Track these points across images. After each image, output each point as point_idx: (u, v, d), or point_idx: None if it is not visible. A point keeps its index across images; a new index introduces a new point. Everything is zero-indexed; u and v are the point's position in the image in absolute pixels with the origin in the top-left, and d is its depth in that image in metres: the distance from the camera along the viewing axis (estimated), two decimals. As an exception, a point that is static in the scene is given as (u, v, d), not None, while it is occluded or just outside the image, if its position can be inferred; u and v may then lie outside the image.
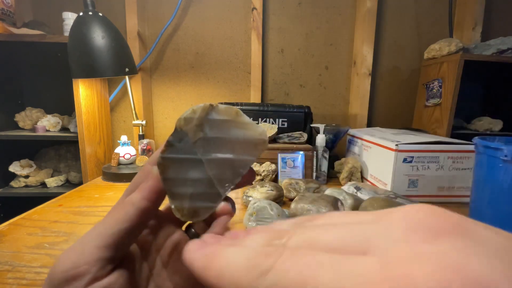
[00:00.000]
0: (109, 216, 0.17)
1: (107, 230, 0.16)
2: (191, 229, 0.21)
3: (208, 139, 0.18)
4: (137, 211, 0.17)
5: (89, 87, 0.92)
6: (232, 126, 0.19)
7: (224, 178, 0.19)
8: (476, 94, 1.14)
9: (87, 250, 0.15)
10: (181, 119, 0.18)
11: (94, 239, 0.16)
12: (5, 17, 0.90)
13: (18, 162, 0.99)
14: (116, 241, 0.16)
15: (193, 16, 1.07)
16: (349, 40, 1.12)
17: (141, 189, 0.18)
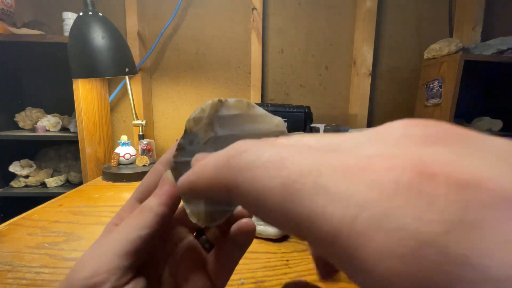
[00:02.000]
0: (126, 222, 0.17)
1: (127, 236, 0.16)
2: (202, 236, 0.21)
3: (219, 137, 0.17)
4: (156, 217, 0.16)
5: (89, 87, 0.92)
6: (244, 120, 0.17)
7: None
8: (476, 94, 1.14)
9: (107, 257, 0.15)
10: (190, 120, 0.17)
11: (114, 246, 0.15)
12: (5, 17, 0.90)
13: (18, 162, 0.99)
14: (136, 249, 0.16)
15: (193, 16, 1.07)
16: (349, 40, 1.12)
17: (158, 195, 0.17)
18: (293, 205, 0.08)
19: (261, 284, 0.38)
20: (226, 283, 0.20)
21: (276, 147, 0.10)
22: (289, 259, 0.44)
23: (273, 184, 0.09)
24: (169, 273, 0.19)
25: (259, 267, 0.42)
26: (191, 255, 0.20)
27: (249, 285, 0.37)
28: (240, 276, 0.39)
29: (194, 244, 0.20)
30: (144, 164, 0.88)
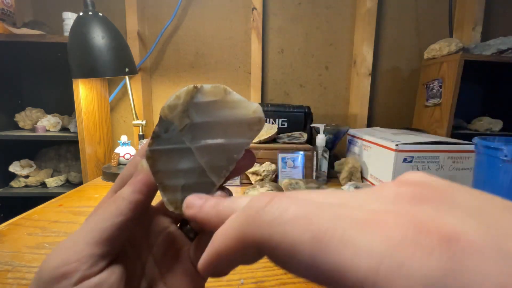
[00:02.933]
0: (99, 211, 0.16)
1: (98, 225, 0.15)
2: (186, 225, 0.20)
3: (196, 124, 0.17)
4: (129, 204, 0.16)
5: (89, 87, 0.92)
6: (221, 106, 0.17)
7: (217, 165, 0.17)
8: (476, 94, 1.14)
9: (77, 246, 0.15)
10: (164, 108, 0.16)
11: (84, 235, 0.15)
12: (5, 17, 0.90)
13: (18, 162, 0.99)
14: (108, 237, 0.15)
15: (193, 16, 1.07)
16: (349, 40, 1.12)
17: (131, 183, 0.17)
18: (323, 256, 0.09)
19: (261, 284, 0.38)
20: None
21: (296, 202, 0.11)
22: (289, 259, 0.44)
23: (303, 238, 0.10)
24: (153, 263, 0.19)
25: (259, 267, 0.42)
26: (174, 245, 0.20)
27: (249, 285, 0.37)
28: (240, 276, 0.39)
29: (178, 234, 0.20)
30: (144, 164, 0.88)
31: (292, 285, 0.38)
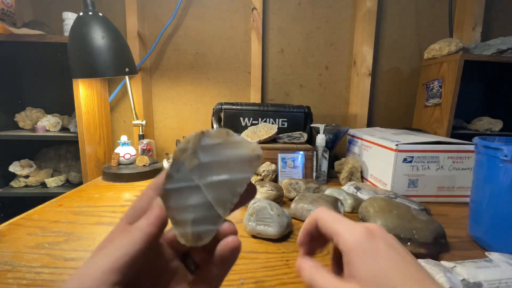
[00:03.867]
0: (115, 241, 0.18)
1: (115, 254, 0.17)
2: (189, 259, 0.22)
3: (203, 164, 0.19)
4: (144, 236, 0.18)
5: (89, 87, 0.92)
6: (225, 147, 0.20)
7: (223, 199, 0.19)
8: (476, 94, 1.14)
9: (94, 274, 0.16)
10: (176, 151, 0.19)
11: (101, 263, 0.16)
12: (5, 17, 0.90)
13: (18, 162, 0.99)
14: (123, 265, 0.16)
15: (193, 16, 1.07)
16: (349, 40, 1.12)
17: (148, 217, 0.19)
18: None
19: (261, 284, 0.38)
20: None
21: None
22: (289, 259, 0.44)
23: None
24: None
25: (259, 267, 0.42)
26: (178, 277, 0.22)
27: (249, 285, 0.37)
28: (240, 276, 0.39)
29: (180, 266, 0.22)
30: (144, 164, 0.88)
31: (292, 285, 0.38)
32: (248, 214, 0.52)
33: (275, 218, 0.50)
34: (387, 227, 0.45)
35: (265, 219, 0.50)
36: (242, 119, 0.94)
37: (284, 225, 0.50)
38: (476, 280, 0.34)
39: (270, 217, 0.50)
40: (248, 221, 0.51)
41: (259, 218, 0.50)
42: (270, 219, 0.50)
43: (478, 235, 0.50)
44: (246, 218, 0.52)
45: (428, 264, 0.38)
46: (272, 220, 0.49)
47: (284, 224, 0.50)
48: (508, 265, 0.37)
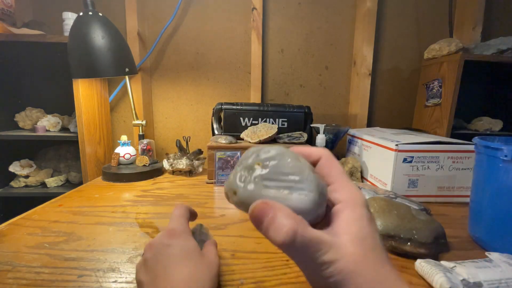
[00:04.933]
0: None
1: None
2: None
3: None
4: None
5: (89, 87, 0.92)
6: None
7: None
8: (476, 94, 1.14)
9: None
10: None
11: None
12: (5, 17, 0.90)
13: (18, 162, 0.99)
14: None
15: (193, 16, 1.07)
16: (349, 40, 1.12)
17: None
18: None
19: (261, 284, 0.38)
20: None
21: None
22: (289, 259, 0.44)
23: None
24: None
25: (259, 267, 0.42)
26: None
27: (249, 285, 0.37)
28: (240, 276, 0.39)
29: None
30: (144, 164, 0.88)
31: (292, 285, 0.38)
32: (244, 167, 0.22)
33: (307, 175, 0.21)
34: (387, 227, 0.45)
35: (286, 175, 0.21)
36: (242, 119, 0.94)
37: (324, 192, 0.22)
38: (476, 280, 0.34)
39: (297, 171, 0.21)
40: (241, 181, 0.22)
41: (272, 174, 0.21)
42: (298, 175, 0.21)
43: (478, 235, 0.50)
44: (237, 175, 0.23)
45: (428, 264, 0.38)
46: (303, 178, 0.21)
47: (323, 189, 0.22)
48: (508, 265, 0.37)
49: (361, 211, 0.21)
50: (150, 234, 0.51)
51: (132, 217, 0.58)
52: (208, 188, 0.79)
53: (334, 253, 0.18)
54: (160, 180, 0.85)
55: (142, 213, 0.60)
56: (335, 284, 0.18)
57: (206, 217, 0.59)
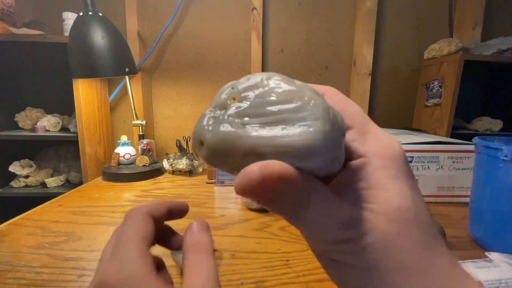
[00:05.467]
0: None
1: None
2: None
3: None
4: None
5: (89, 87, 0.92)
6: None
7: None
8: (476, 94, 1.14)
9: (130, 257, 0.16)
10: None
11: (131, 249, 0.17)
12: (5, 17, 0.90)
13: (18, 162, 0.99)
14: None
15: (193, 16, 1.07)
16: (349, 40, 1.12)
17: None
18: None
19: (261, 284, 0.38)
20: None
21: None
22: (289, 259, 0.44)
23: None
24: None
25: (259, 267, 0.42)
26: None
27: (249, 285, 0.37)
28: (240, 276, 0.39)
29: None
30: (144, 164, 0.88)
31: (292, 285, 0.38)
32: (214, 106, 0.15)
33: (309, 98, 0.13)
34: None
35: (277, 105, 0.13)
36: (242, 119, 0.94)
37: (339, 122, 0.13)
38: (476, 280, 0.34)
39: (293, 96, 0.13)
40: (209, 124, 0.14)
41: (254, 107, 0.13)
42: (295, 102, 0.12)
43: (478, 235, 0.50)
44: (204, 118, 0.15)
45: (428, 264, 0.38)
46: (304, 104, 0.12)
47: (338, 118, 0.13)
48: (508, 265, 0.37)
49: (398, 167, 0.14)
50: (150, 234, 0.51)
51: (132, 217, 0.58)
52: (208, 188, 0.79)
53: (360, 228, 0.13)
54: (160, 180, 0.85)
55: (142, 213, 0.60)
56: (357, 265, 0.14)
57: (206, 217, 0.59)
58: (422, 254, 0.13)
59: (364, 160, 0.14)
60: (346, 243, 0.13)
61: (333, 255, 0.15)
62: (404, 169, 0.14)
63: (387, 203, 0.13)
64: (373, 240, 0.13)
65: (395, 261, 0.13)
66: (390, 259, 0.13)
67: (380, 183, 0.14)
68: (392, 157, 0.14)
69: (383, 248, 0.13)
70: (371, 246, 0.13)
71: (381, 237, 0.13)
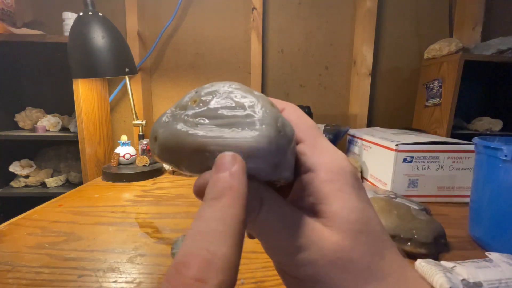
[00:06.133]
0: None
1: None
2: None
3: None
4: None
5: (89, 87, 0.92)
6: None
7: None
8: (476, 94, 1.14)
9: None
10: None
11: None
12: (5, 17, 0.90)
13: (18, 162, 0.99)
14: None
15: (193, 16, 1.07)
16: (349, 40, 1.12)
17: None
18: None
19: (261, 284, 0.38)
20: None
21: None
22: (289, 259, 0.44)
23: None
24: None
25: (259, 267, 0.42)
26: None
27: (249, 285, 0.37)
28: (240, 276, 0.39)
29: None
30: (144, 164, 0.88)
31: (292, 285, 0.38)
32: (175, 106, 0.15)
33: (261, 106, 0.14)
34: (387, 227, 0.45)
35: (231, 110, 0.14)
36: (242, 119, 0.94)
37: (287, 131, 0.14)
38: (476, 280, 0.34)
39: (247, 104, 0.14)
40: (165, 121, 0.15)
41: (211, 110, 0.14)
42: (247, 109, 0.14)
43: (478, 235, 0.50)
44: (163, 116, 0.15)
45: (428, 264, 0.38)
46: (254, 110, 0.14)
47: (287, 128, 0.14)
48: (508, 265, 0.37)
49: (344, 179, 0.14)
50: (150, 234, 0.51)
51: (132, 217, 0.58)
52: (208, 188, 0.78)
53: (310, 239, 0.13)
54: (160, 180, 0.85)
55: (142, 213, 0.60)
56: (308, 278, 0.13)
57: (206, 217, 0.59)
58: (371, 263, 0.13)
59: (312, 174, 0.15)
60: (297, 253, 0.13)
61: (285, 267, 0.15)
62: (351, 181, 0.15)
63: (336, 216, 0.14)
64: (323, 252, 0.13)
65: (345, 273, 0.13)
66: (341, 271, 0.13)
67: (327, 196, 0.14)
68: (337, 170, 0.15)
69: (333, 260, 0.13)
70: (322, 259, 0.13)
71: (331, 248, 0.13)
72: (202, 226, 0.10)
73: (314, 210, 0.14)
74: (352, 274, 0.13)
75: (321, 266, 0.13)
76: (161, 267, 0.41)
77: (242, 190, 0.11)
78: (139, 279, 0.38)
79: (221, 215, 0.10)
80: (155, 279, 0.38)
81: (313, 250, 0.13)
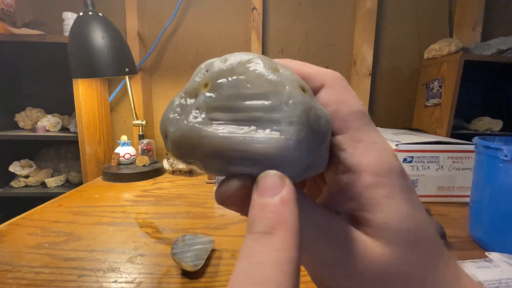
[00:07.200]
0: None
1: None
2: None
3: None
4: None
5: (89, 87, 0.92)
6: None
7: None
8: (476, 94, 1.14)
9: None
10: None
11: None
12: (5, 17, 0.90)
13: (18, 162, 0.99)
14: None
15: (193, 16, 1.07)
16: (349, 40, 1.12)
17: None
18: None
19: None
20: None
21: None
22: (289, 259, 0.44)
23: None
24: None
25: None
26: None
27: None
28: None
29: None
30: (144, 164, 0.88)
31: (292, 285, 0.38)
32: (186, 90, 0.14)
33: (287, 94, 0.11)
34: (387, 227, 0.45)
35: (250, 99, 0.11)
36: (242, 119, 0.94)
37: (320, 125, 0.12)
38: (476, 280, 0.34)
39: (270, 89, 0.11)
40: (175, 114, 0.13)
41: (225, 99, 0.12)
42: (270, 98, 0.11)
43: (478, 235, 0.50)
44: (173, 104, 0.13)
45: (428, 264, 0.38)
46: (279, 101, 0.11)
47: (320, 120, 0.12)
48: (508, 265, 0.37)
49: (392, 183, 0.12)
50: (150, 234, 0.51)
51: (132, 217, 0.58)
52: (208, 188, 0.79)
53: (354, 252, 0.12)
54: (160, 180, 0.85)
55: (142, 213, 0.60)
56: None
57: (206, 217, 0.59)
58: (423, 276, 0.12)
59: (353, 175, 0.12)
60: (337, 266, 0.12)
61: (324, 281, 0.13)
62: (400, 184, 0.12)
63: (383, 226, 0.12)
64: (368, 266, 0.12)
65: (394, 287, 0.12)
66: (389, 286, 0.12)
67: (373, 203, 0.12)
68: (385, 173, 0.12)
69: (380, 274, 0.12)
70: (367, 273, 0.12)
71: (378, 262, 0.12)
72: (256, 275, 0.08)
73: (355, 216, 0.13)
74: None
75: (367, 280, 0.12)
76: (161, 267, 0.41)
77: (297, 225, 0.09)
78: (139, 279, 0.38)
79: (276, 260, 0.09)
80: (155, 279, 0.38)
81: (358, 263, 0.12)
